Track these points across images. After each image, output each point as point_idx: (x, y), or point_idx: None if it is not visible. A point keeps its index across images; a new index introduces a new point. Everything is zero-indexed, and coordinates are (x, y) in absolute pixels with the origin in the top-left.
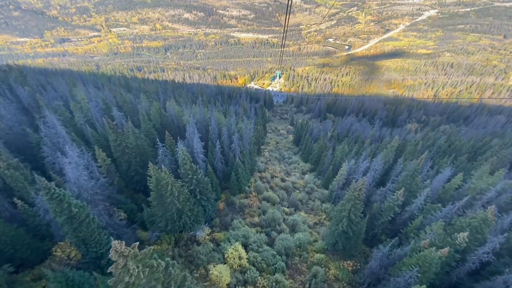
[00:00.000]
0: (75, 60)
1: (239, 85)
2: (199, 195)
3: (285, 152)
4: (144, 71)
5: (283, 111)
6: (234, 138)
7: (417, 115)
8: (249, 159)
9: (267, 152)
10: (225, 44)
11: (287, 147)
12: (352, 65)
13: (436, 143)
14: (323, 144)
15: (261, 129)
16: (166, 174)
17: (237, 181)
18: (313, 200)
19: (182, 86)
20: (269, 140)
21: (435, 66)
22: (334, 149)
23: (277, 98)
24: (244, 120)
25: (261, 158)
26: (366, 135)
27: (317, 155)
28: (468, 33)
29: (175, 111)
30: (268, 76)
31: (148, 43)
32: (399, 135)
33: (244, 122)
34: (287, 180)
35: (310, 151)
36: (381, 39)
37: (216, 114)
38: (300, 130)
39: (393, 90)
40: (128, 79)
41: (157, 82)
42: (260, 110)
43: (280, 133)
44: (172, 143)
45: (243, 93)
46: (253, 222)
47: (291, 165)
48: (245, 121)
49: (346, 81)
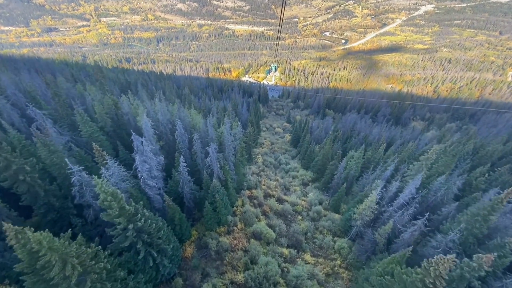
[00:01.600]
0: (62, 51)
1: (232, 78)
2: (143, 252)
3: (281, 156)
4: (134, 62)
5: (279, 106)
6: (210, 149)
7: (421, 112)
8: (234, 175)
9: (260, 157)
10: (219, 36)
11: (284, 149)
12: (349, 59)
13: (463, 149)
14: (329, 150)
15: (254, 131)
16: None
17: (214, 213)
18: (321, 232)
19: (168, 78)
20: (263, 140)
21: (433, 61)
22: (342, 156)
23: (273, 92)
24: (226, 122)
25: (253, 167)
26: (374, 135)
27: (321, 163)
28: (465, 28)
29: (131, 108)
30: (263, 69)
31: (139, 34)
32: (410, 136)
33: (227, 125)
34: (285, 201)
35: (312, 156)
36: (378, 33)
37: (185, 113)
38: (298, 129)
39: (392, 85)
40: (102, 69)
41: (139, 73)
42: (253, 106)
43: (276, 131)
44: (103, 160)
45: (236, 87)
46: (236, 281)
47: (289, 173)
48: (227, 124)
49: (344, 76)
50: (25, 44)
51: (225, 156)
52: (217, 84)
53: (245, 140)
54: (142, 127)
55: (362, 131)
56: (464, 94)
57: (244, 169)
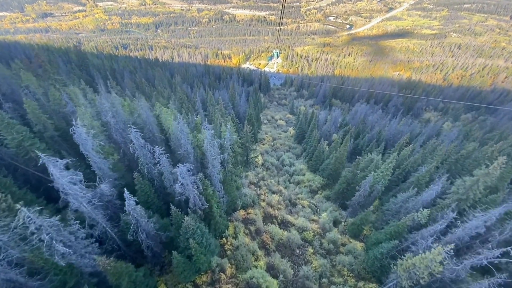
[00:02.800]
0: (58, 37)
1: (233, 65)
2: None
3: (284, 156)
4: (131, 48)
5: (281, 95)
6: (179, 171)
7: (434, 101)
8: (223, 195)
9: (260, 157)
10: (220, 21)
11: (287, 145)
12: (354, 45)
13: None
14: (343, 153)
15: (252, 130)
16: None
17: (189, 263)
18: (340, 273)
19: (160, 65)
20: (263, 135)
21: (441, 47)
22: (354, 153)
23: (275, 80)
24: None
25: (250, 174)
26: (390, 130)
27: (334, 167)
28: (474, 13)
29: (73, 103)
30: (264, 56)
31: (137, 19)
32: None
33: (207, 134)
34: (291, 224)
35: (320, 157)
36: (384, 18)
37: (147, 113)
38: (303, 122)
39: (399, 73)
40: (84, 54)
41: (129, 59)
42: (253, 96)
43: (278, 124)
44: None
45: (235, 74)
46: None
47: (293, 176)
48: (207, 131)
49: (349, 62)
50: (20, 31)
51: (207, 174)
52: (215, 71)
53: (241, 141)
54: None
55: (376, 125)
56: (476, 81)
57: (238, 181)
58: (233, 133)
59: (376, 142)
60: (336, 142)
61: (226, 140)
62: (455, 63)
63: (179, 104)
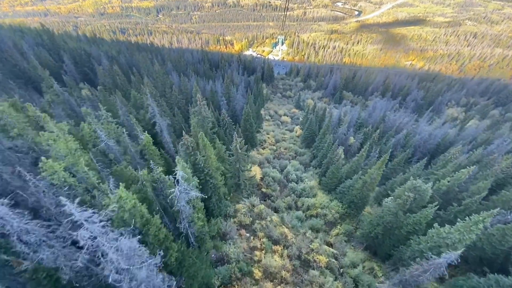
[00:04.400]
0: (56, 20)
1: (234, 52)
2: None
3: (290, 166)
4: (129, 33)
5: (286, 86)
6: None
7: (457, 96)
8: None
9: (258, 171)
10: (223, 6)
11: (293, 150)
12: (363, 32)
13: None
14: (376, 178)
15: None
16: None
17: None
18: None
19: (151, 50)
20: (264, 135)
21: (456, 36)
22: (405, 203)
23: (279, 68)
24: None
25: (242, 207)
26: (423, 134)
27: (359, 195)
28: (490, 0)
29: None
30: (269, 43)
31: (138, 3)
32: (464, 134)
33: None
34: None
35: (336, 175)
36: (395, 4)
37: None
38: (313, 122)
39: (411, 62)
40: (65, 37)
41: (114, 44)
42: (255, 87)
43: (282, 120)
44: None
45: (235, 62)
46: None
47: (301, 199)
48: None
49: (359, 50)
50: (19, 14)
51: None
52: (213, 58)
53: (229, 162)
54: None
55: (398, 125)
56: (496, 73)
57: (214, 244)
58: (193, 182)
59: (402, 148)
60: (360, 156)
61: (177, 195)
62: (472, 53)
63: (135, 111)
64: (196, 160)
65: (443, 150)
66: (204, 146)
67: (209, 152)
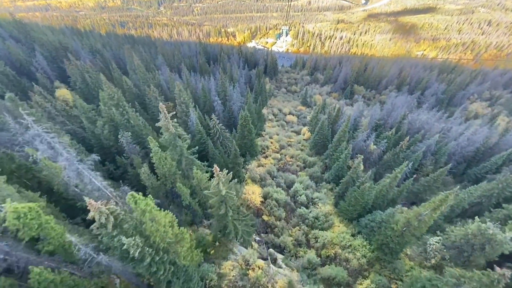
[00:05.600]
0: (58, 15)
1: (236, 44)
2: None
3: (298, 183)
4: (129, 26)
5: (291, 80)
6: None
7: (479, 89)
8: None
9: (258, 191)
10: None
11: (301, 159)
12: (371, 21)
13: None
14: (422, 229)
15: (240, 182)
16: None
17: None
18: None
19: (142, 42)
20: (267, 140)
21: (469, 24)
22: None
23: (283, 60)
24: None
25: (229, 269)
26: (458, 140)
27: (399, 242)
28: None
29: None
30: (272, 34)
31: None
32: (499, 136)
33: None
34: None
35: (359, 203)
36: None
37: None
38: (324, 125)
39: (423, 52)
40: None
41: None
42: (256, 82)
43: (287, 120)
44: None
45: (235, 54)
46: None
47: (314, 232)
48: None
49: (367, 41)
50: (20, 9)
51: None
52: (212, 51)
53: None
54: None
55: (425, 127)
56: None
57: None
58: None
59: (433, 156)
60: (393, 178)
61: None
62: (488, 42)
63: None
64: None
65: (482, 157)
66: (149, 211)
67: (159, 218)
